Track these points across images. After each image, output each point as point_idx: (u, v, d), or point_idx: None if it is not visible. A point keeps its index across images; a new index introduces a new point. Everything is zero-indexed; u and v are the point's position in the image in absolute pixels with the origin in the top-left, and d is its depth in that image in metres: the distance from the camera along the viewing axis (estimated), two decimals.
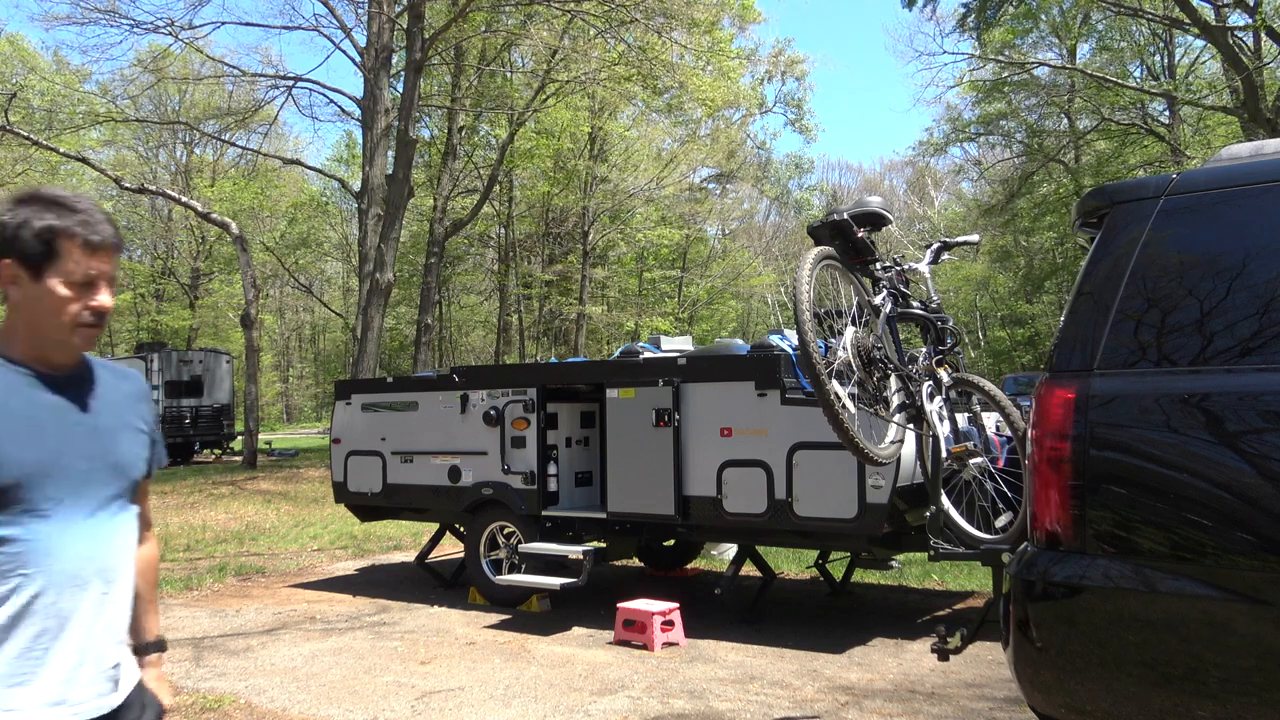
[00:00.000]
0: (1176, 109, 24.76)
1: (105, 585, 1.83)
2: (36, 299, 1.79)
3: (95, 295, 1.81)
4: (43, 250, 1.78)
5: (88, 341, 1.83)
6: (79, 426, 1.84)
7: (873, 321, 4.16)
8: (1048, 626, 2.51)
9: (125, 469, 1.90)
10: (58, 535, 1.76)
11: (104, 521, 1.84)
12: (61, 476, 1.77)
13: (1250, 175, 2.50)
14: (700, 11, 19.42)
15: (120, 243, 1.86)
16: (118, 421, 1.92)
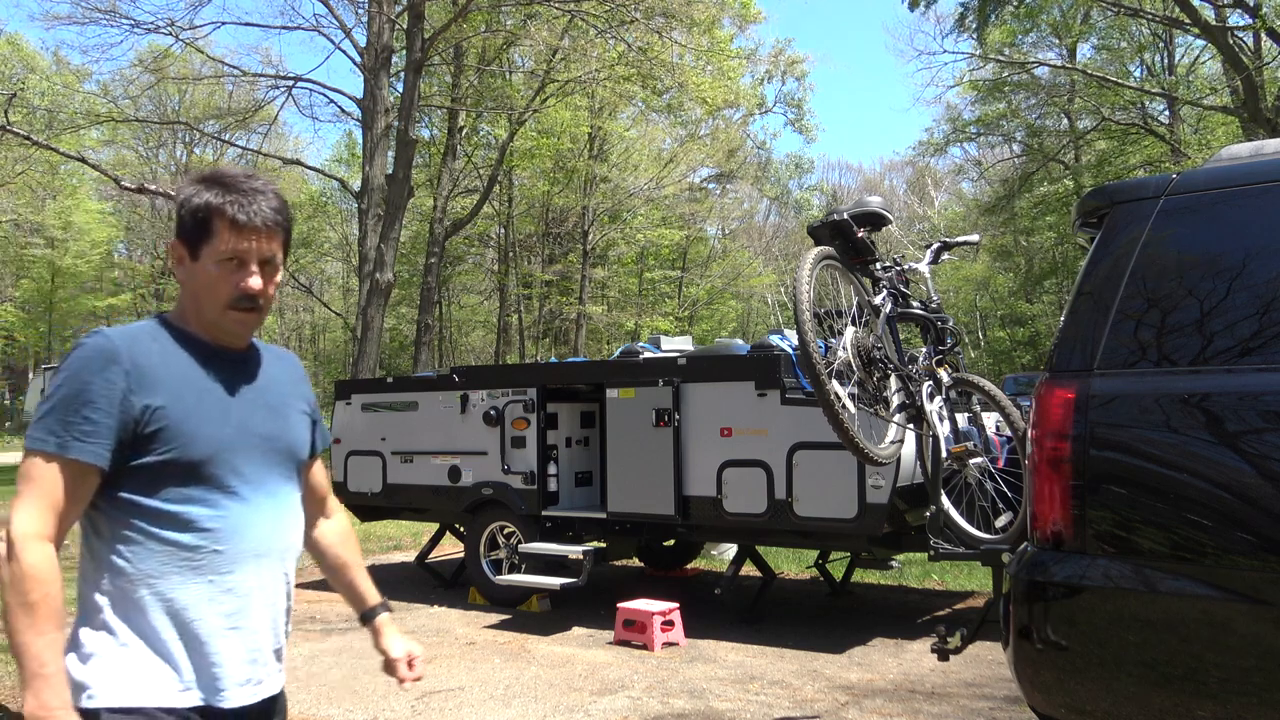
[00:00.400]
0: (1176, 109, 24.76)
1: (284, 564, 1.84)
2: (193, 278, 1.77)
3: (245, 277, 1.76)
4: (197, 228, 1.75)
5: (240, 325, 1.79)
6: (256, 404, 1.82)
7: (873, 321, 4.16)
8: (1048, 626, 2.51)
9: (295, 449, 1.90)
10: (247, 513, 1.75)
11: (282, 500, 1.84)
12: (246, 453, 1.77)
13: (1250, 175, 2.50)
14: (700, 11, 19.42)
15: (279, 223, 1.79)
16: (285, 402, 1.91)
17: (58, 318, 41.02)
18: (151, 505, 1.68)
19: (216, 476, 1.72)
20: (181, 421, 1.69)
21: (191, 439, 1.69)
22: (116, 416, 1.63)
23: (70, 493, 1.63)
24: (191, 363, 1.75)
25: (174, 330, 1.78)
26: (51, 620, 1.57)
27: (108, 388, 1.64)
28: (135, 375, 1.66)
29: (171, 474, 1.68)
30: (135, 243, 44.37)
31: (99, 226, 37.40)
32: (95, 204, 37.35)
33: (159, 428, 1.66)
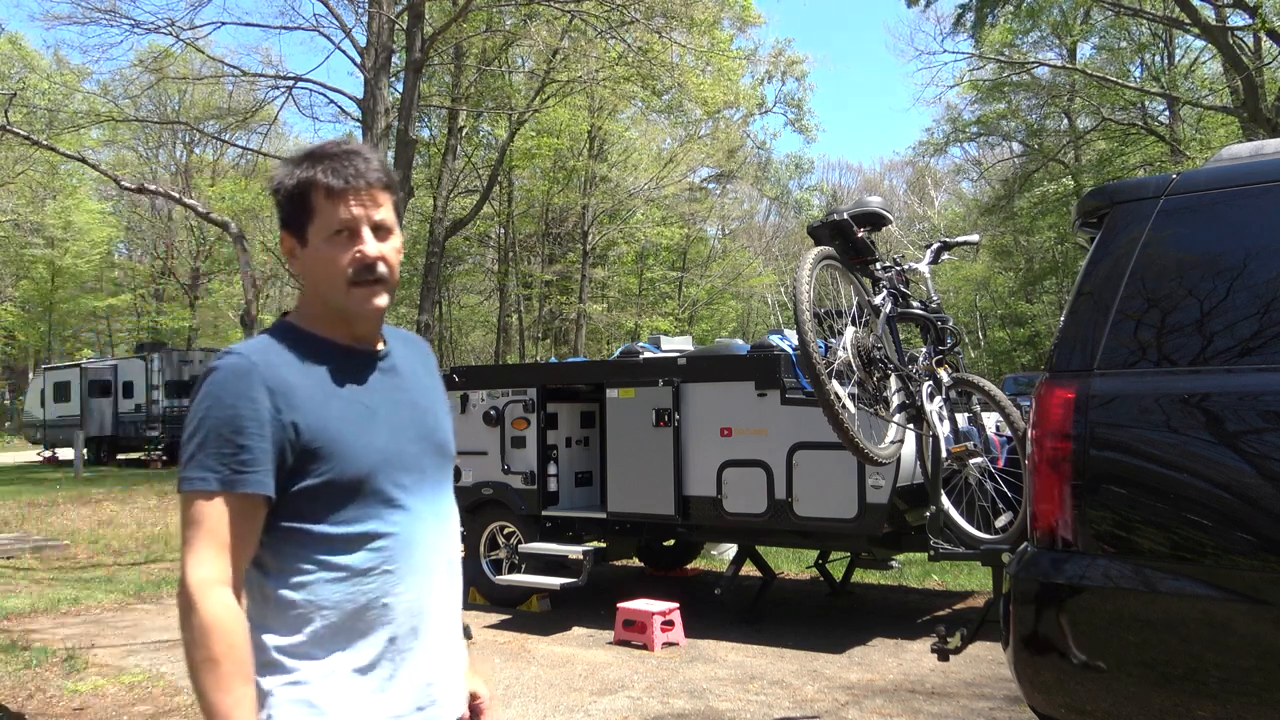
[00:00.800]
0: (1176, 109, 24.76)
1: (451, 577, 1.68)
2: (308, 266, 1.60)
3: (358, 245, 1.56)
4: (297, 210, 1.60)
5: (368, 303, 1.58)
6: (403, 404, 1.65)
7: (873, 321, 4.16)
8: (1048, 627, 2.51)
9: (446, 448, 1.72)
10: (414, 526, 1.60)
11: (443, 505, 1.69)
12: (404, 460, 1.61)
13: (1250, 175, 2.50)
14: (700, 12, 19.42)
15: (381, 182, 1.59)
16: (428, 395, 1.73)
17: (58, 318, 41.03)
18: (318, 531, 1.53)
19: (379, 491, 1.56)
20: (334, 437, 1.53)
21: (347, 455, 1.53)
22: (270, 440, 1.48)
23: (240, 531, 1.48)
24: (329, 369, 1.59)
25: (302, 336, 1.61)
26: (239, 675, 1.43)
27: (255, 410, 1.48)
28: (280, 393, 1.50)
29: (333, 495, 1.53)
30: (135, 243, 44.38)
31: (99, 226, 37.43)
32: (95, 204, 37.36)
33: (313, 447, 1.51)
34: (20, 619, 7.30)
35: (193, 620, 1.43)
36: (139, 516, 13.45)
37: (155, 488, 17.10)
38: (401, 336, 1.76)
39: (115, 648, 6.38)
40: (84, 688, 5.40)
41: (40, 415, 27.70)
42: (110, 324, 45.02)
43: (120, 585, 8.64)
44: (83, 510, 14.19)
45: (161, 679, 5.58)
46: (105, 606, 7.79)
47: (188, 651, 1.44)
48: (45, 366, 30.90)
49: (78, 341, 43.39)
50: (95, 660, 6.03)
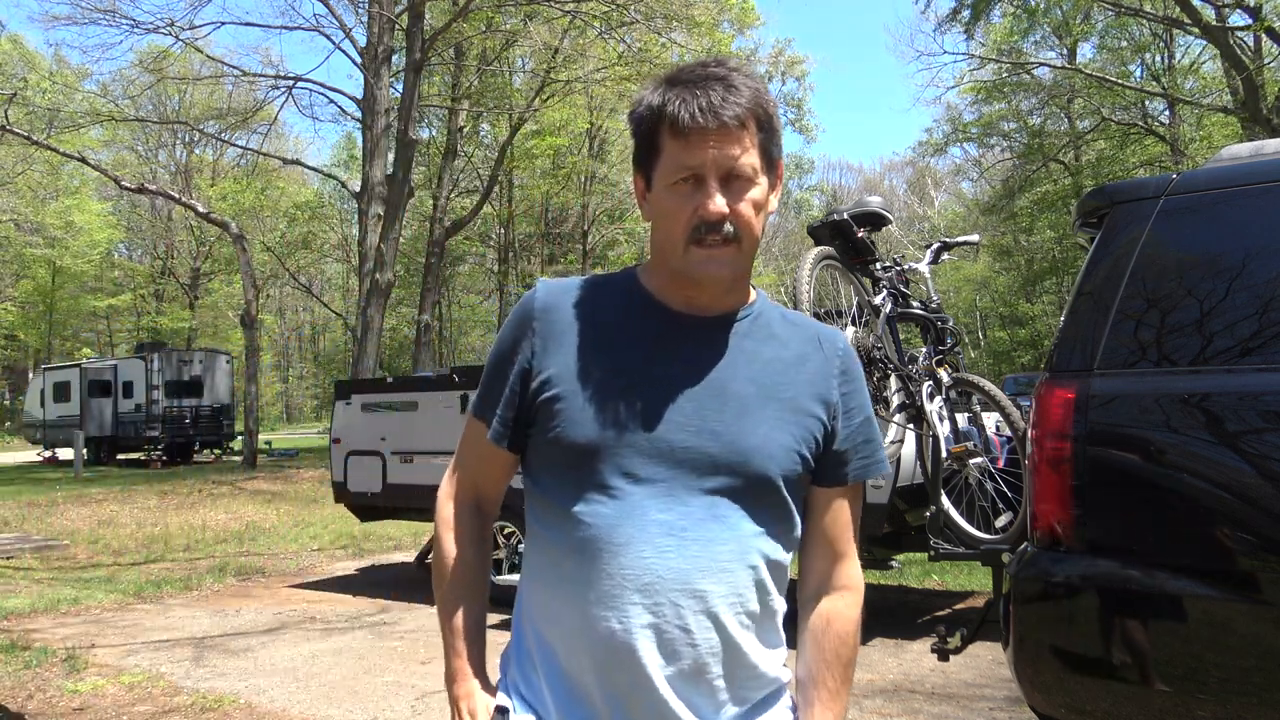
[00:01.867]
0: (1176, 109, 24.77)
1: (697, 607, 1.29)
2: (652, 214, 1.37)
3: (703, 199, 1.28)
4: (643, 147, 1.36)
5: (707, 265, 1.31)
6: (697, 389, 1.34)
7: (873, 321, 4.16)
8: (1048, 626, 2.51)
9: (744, 457, 1.32)
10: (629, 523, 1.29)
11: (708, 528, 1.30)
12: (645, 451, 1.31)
13: (1250, 175, 2.50)
14: (700, 12, 19.43)
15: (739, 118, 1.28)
16: (768, 391, 1.37)
17: (58, 318, 41.05)
18: (537, 493, 1.43)
19: (598, 471, 1.32)
20: (573, 395, 1.33)
21: (574, 420, 1.32)
22: (519, 383, 1.38)
23: (482, 460, 1.48)
24: (627, 325, 1.37)
25: (632, 286, 1.41)
26: (454, 592, 1.43)
27: (513, 349, 1.40)
28: (545, 336, 1.37)
29: (554, 458, 1.36)
30: (135, 243, 44.40)
31: (99, 226, 37.45)
32: (96, 204, 37.38)
33: (549, 400, 1.35)
34: (20, 619, 7.30)
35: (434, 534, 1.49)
36: (139, 516, 13.45)
37: (155, 488, 17.10)
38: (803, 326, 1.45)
39: (115, 648, 6.38)
40: (84, 688, 5.40)
41: (40, 415, 27.71)
42: (110, 324, 45.05)
43: (120, 585, 8.64)
44: (83, 510, 14.19)
45: (161, 679, 5.58)
46: (105, 606, 7.80)
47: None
48: (45, 366, 30.91)
49: (78, 341, 43.40)
50: (95, 660, 6.04)
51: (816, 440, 1.38)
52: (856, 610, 1.44)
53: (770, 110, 1.32)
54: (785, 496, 1.36)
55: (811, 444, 1.38)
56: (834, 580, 1.44)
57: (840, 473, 1.42)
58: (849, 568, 1.45)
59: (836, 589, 1.44)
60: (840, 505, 1.44)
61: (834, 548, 1.44)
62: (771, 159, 1.34)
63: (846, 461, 1.43)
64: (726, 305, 1.39)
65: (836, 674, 1.40)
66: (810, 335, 1.43)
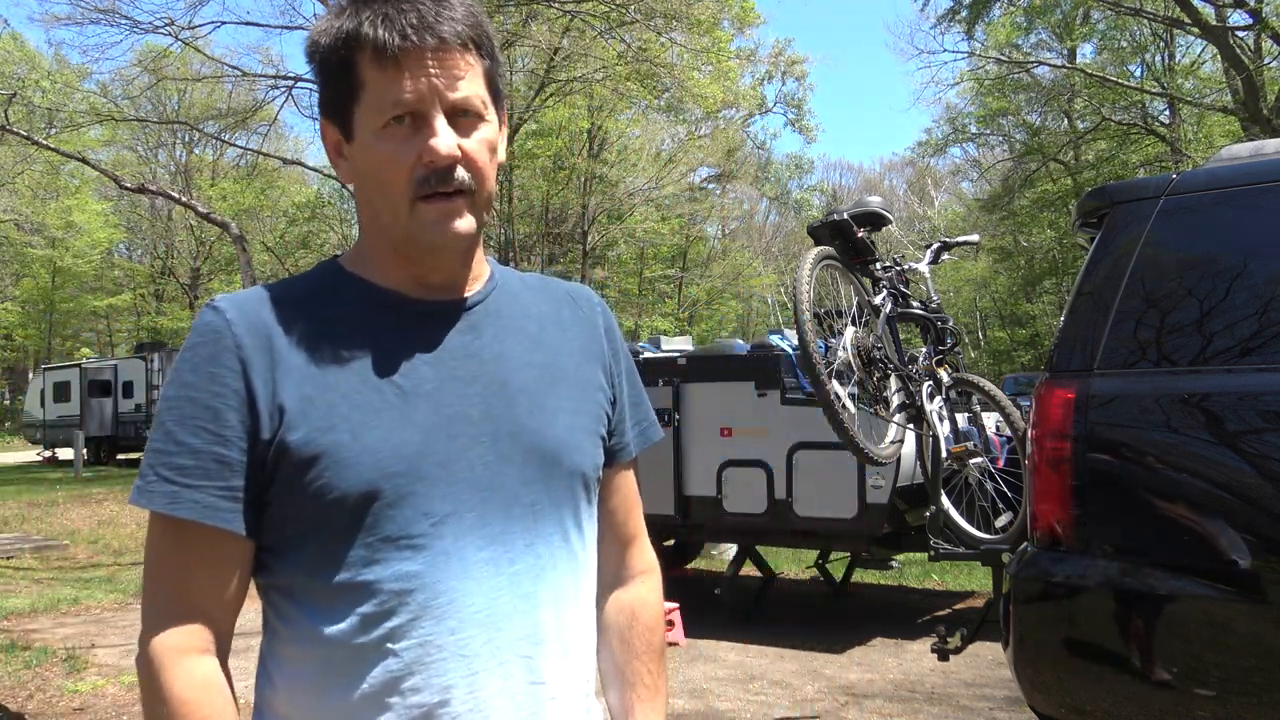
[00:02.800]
0: (1176, 109, 24.77)
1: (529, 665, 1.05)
2: (357, 170, 1.07)
3: (427, 138, 1.01)
4: (335, 84, 1.04)
5: (441, 225, 1.03)
6: (478, 382, 1.06)
7: (873, 321, 4.16)
8: (1048, 626, 2.51)
9: (554, 453, 1.09)
10: (451, 579, 1.01)
11: (535, 551, 1.06)
12: (451, 473, 1.02)
13: (1250, 175, 2.50)
14: (701, 11, 19.43)
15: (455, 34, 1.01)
16: (545, 376, 1.12)
17: (58, 318, 41.05)
18: (288, 575, 1.02)
19: (389, 520, 1.00)
20: (328, 429, 0.99)
21: (342, 460, 0.98)
22: (242, 434, 0.99)
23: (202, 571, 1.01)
24: (360, 329, 1.04)
25: (342, 279, 1.09)
26: None
27: (213, 392, 0.99)
28: (259, 364, 1.00)
29: (317, 520, 1.00)
30: (135, 243, 44.39)
31: (100, 226, 37.45)
32: (96, 204, 37.39)
33: (298, 444, 0.98)
34: (20, 619, 7.30)
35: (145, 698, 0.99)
36: (139, 516, 13.45)
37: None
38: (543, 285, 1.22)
39: (115, 648, 6.38)
40: (84, 688, 5.40)
41: (40, 415, 27.71)
42: (110, 324, 45.06)
43: (120, 585, 8.64)
44: (83, 510, 14.19)
45: None
46: (105, 606, 7.79)
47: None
48: (45, 366, 30.91)
49: (78, 341, 43.42)
50: (95, 660, 6.03)
51: (607, 415, 1.17)
52: (659, 594, 1.27)
53: (491, 33, 1.06)
54: (594, 494, 1.15)
55: (605, 421, 1.17)
56: (630, 565, 1.25)
57: (624, 444, 1.21)
58: (643, 550, 1.27)
59: (634, 575, 1.25)
60: (626, 481, 1.24)
61: (624, 530, 1.24)
62: (498, 93, 1.09)
63: (626, 432, 1.22)
64: (467, 280, 1.11)
65: (652, 666, 1.22)
66: (561, 295, 1.21)
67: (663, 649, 1.25)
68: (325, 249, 38.14)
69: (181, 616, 0.99)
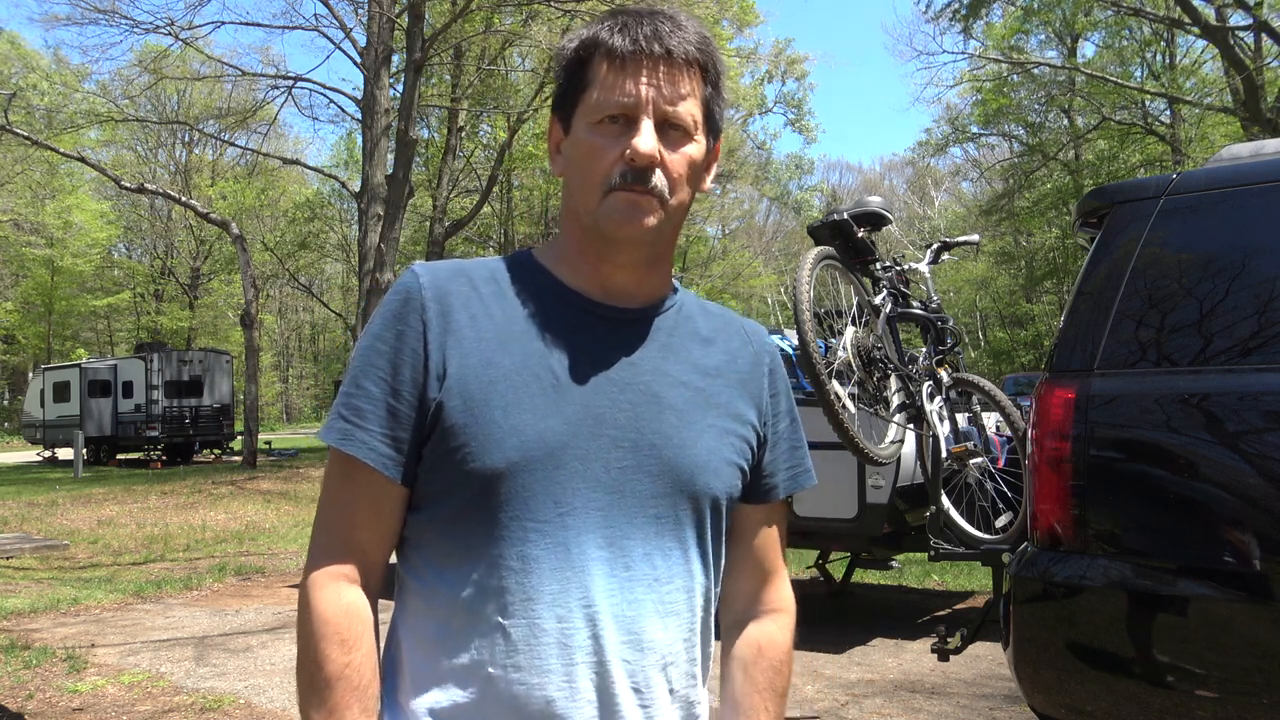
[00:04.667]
0: (1177, 109, 24.78)
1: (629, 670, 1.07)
2: (569, 162, 1.12)
3: (631, 138, 1.05)
4: (570, 81, 1.11)
5: (626, 216, 1.06)
6: (631, 389, 1.09)
7: (873, 321, 4.16)
8: (1048, 626, 2.51)
9: (695, 478, 1.10)
10: (569, 574, 1.04)
11: (652, 566, 1.08)
12: (586, 470, 1.06)
13: (1250, 175, 2.50)
14: (701, 11, 19.44)
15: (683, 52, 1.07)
16: (704, 393, 1.14)
17: (58, 318, 41.06)
18: (428, 532, 1.10)
19: (522, 501, 1.04)
20: (484, 404, 1.04)
21: (490, 436, 1.03)
22: (412, 390, 1.06)
23: (366, 509, 1.09)
24: (537, 317, 1.09)
25: (531, 269, 1.14)
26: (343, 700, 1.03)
27: (395, 343, 1.07)
28: (440, 329, 1.06)
29: (459, 486, 1.05)
30: (135, 242, 44.41)
31: (99, 226, 37.47)
32: (95, 204, 37.41)
33: (455, 410, 1.05)
34: (20, 619, 7.30)
35: (299, 625, 1.07)
36: (139, 516, 13.45)
37: (155, 488, 17.10)
38: (724, 318, 1.23)
39: (115, 648, 6.38)
40: (84, 688, 5.40)
41: (40, 415, 27.71)
42: (110, 324, 45.08)
43: (120, 585, 8.64)
44: (83, 510, 14.19)
45: (162, 679, 5.58)
46: (105, 606, 7.79)
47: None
48: (45, 367, 30.91)
49: (76, 342, 43.43)
50: (95, 660, 6.03)
51: (752, 450, 1.18)
52: (789, 635, 1.25)
53: (720, 65, 1.11)
54: (724, 520, 1.16)
55: (748, 455, 1.17)
56: (764, 602, 1.24)
57: (771, 485, 1.22)
58: (781, 587, 1.26)
59: (767, 612, 1.24)
60: (771, 518, 1.24)
61: (764, 567, 1.24)
62: (714, 123, 1.13)
63: (776, 472, 1.22)
64: (648, 292, 1.15)
65: (770, 705, 1.20)
66: (736, 328, 1.23)
67: (785, 692, 1.23)
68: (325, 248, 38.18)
69: (340, 547, 1.08)
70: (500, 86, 24.41)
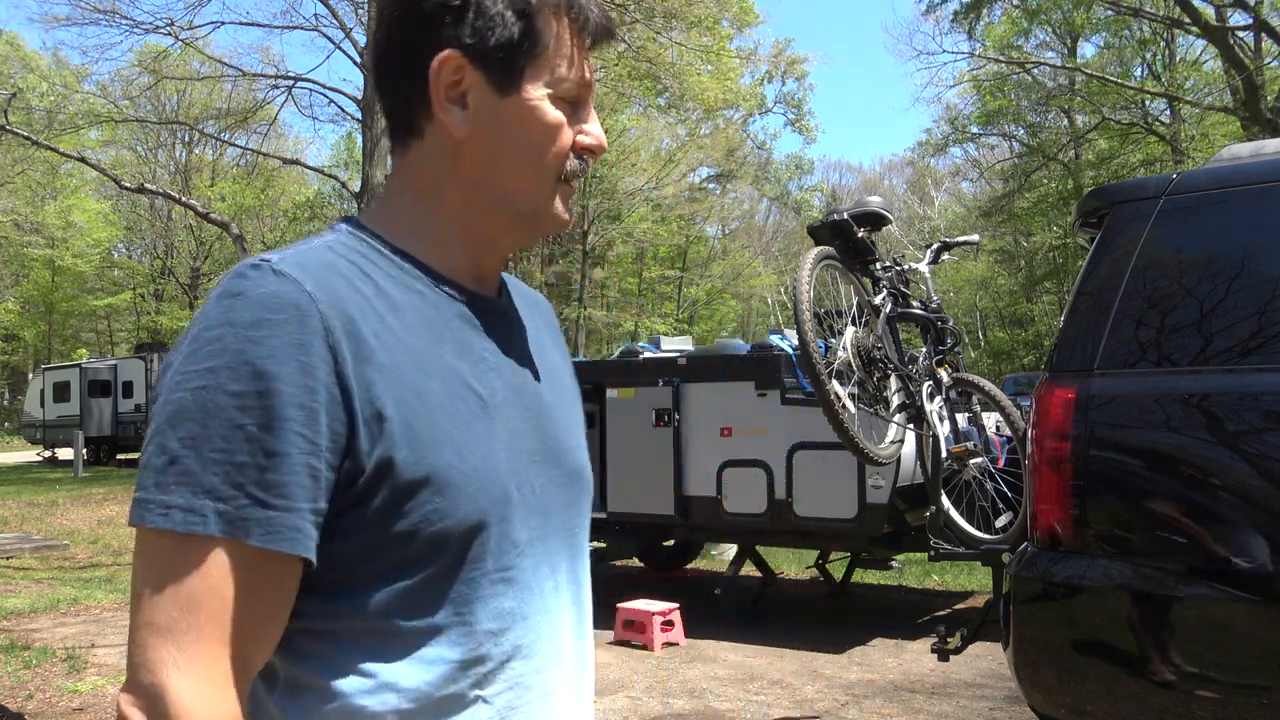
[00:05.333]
0: (1177, 109, 24.77)
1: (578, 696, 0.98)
2: (502, 126, 0.91)
3: (587, 124, 0.95)
4: (518, 33, 0.89)
5: (568, 211, 0.96)
6: (528, 396, 0.96)
7: (873, 321, 4.16)
8: (1048, 626, 2.51)
9: (583, 477, 1.02)
10: (545, 620, 0.93)
11: (581, 584, 1.01)
12: (529, 501, 0.92)
13: (1250, 175, 2.50)
14: (702, 10, 19.45)
15: (607, 33, 0.96)
16: (558, 389, 1.02)
17: (58, 317, 41.06)
18: (349, 623, 0.84)
19: (491, 557, 0.88)
20: (433, 444, 0.84)
21: (457, 483, 0.85)
22: (328, 444, 0.80)
23: (251, 601, 0.79)
24: (427, 323, 0.89)
25: (392, 257, 0.91)
26: None
27: (306, 385, 0.79)
28: (352, 351, 0.82)
29: (419, 564, 0.84)
30: (135, 243, 44.39)
31: (99, 226, 37.45)
32: (95, 204, 37.39)
33: (401, 463, 0.82)
34: (20, 619, 7.30)
35: None
36: None
37: None
38: (515, 286, 1.06)
39: (115, 648, 6.38)
40: (84, 688, 5.40)
41: (40, 415, 27.70)
42: (110, 324, 45.07)
43: (120, 585, 8.63)
44: (83, 510, 14.19)
45: None
46: (105, 606, 7.79)
47: None
48: (45, 367, 30.91)
49: (77, 342, 43.44)
50: (95, 660, 6.03)
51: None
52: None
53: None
54: None
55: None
56: None
57: None
58: None
59: None
60: None
61: None
62: None
63: None
64: (498, 276, 1.01)
65: None
66: (533, 296, 1.09)
67: None
68: None
69: (221, 674, 0.78)
70: None
